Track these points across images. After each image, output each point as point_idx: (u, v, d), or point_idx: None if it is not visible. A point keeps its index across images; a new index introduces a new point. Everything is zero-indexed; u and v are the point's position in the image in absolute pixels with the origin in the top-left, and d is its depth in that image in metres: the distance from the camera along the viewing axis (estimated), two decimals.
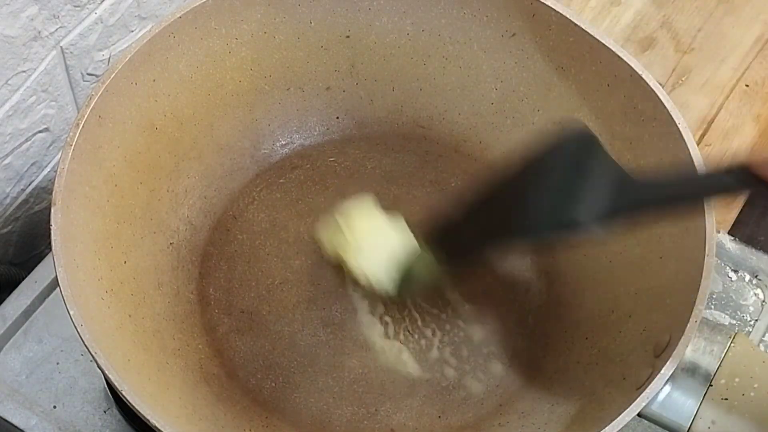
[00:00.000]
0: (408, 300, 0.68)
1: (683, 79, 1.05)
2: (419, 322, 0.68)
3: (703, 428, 0.57)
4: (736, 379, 0.57)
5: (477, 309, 0.69)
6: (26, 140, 0.75)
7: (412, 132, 0.76)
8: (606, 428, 0.53)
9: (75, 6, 0.72)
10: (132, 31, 0.80)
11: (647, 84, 0.64)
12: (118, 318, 0.60)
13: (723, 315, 0.77)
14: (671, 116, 0.63)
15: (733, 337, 0.58)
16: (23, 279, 0.73)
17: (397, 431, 0.64)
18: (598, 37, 0.66)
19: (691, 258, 0.59)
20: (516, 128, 0.73)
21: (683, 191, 0.53)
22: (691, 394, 0.58)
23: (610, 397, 0.58)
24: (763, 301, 0.78)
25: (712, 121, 1.04)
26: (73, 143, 0.59)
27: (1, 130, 0.72)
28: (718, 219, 0.60)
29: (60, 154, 0.66)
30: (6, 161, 0.74)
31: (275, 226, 0.72)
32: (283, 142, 0.75)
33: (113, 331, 0.58)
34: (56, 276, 0.55)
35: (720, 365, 0.57)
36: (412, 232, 0.65)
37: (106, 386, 0.68)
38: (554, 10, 0.67)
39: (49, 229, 0.56)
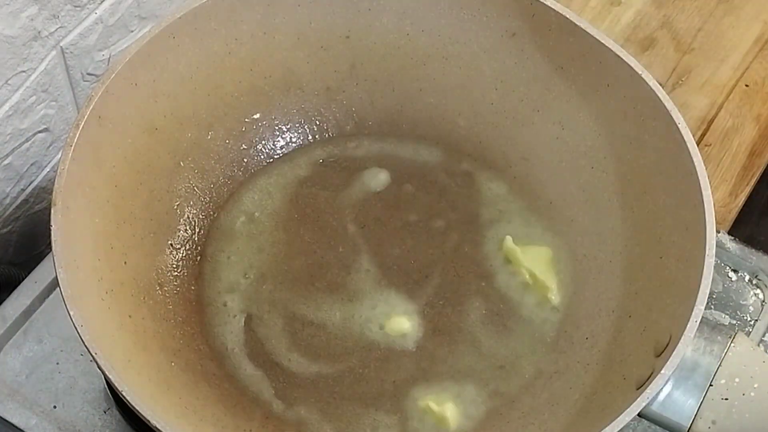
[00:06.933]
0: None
1: (683, 79, 1.05)
2: (421, 323, 0.68)
3: (703, 428, 0.57)
4: (736, 379, 0.57)
5: (477, 309, 0.69)
6: (26, 140, 0.75)
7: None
8: (606, 428, 0.53)
9: (75, 6, 0.72)
10: (132, 31, 0.80)
11: (647, 84, 0.64)
12: (118, 318, 0.60)
13: (723, 315, 0.77)
14: (671, 116, 0.63)
15: (733, 337, 0.58)
16: (23, 279, 0.73)
17: (397, 431, 0.64)
18: (598, 37, 0.66)
19: (691, 258, 0.59)
20: (516, 128, 0.73)
21: None
22: (691, 394, 0.57)
23: (610, 397, 0.58)
24: (763, 301, 0.78)
25: (712, 121, 1.03)
26: (73, 143, 0.59)
27: (1, 130, 0.72)
28: (718, 219, 0.60)
29: (60, 154, 0.66)
30: (6, 161, 0.74)
31: (275, 226, 0.72)
32: (283, 143, 0.75)
33: (113, 331, 0.58)
34: (56, 276, 0.55)
35: (720, 365, 0.57)
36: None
37: (106, 386, 0.68)
38: (554, 10, 0.67)
39: (49, 229, 0.56)
